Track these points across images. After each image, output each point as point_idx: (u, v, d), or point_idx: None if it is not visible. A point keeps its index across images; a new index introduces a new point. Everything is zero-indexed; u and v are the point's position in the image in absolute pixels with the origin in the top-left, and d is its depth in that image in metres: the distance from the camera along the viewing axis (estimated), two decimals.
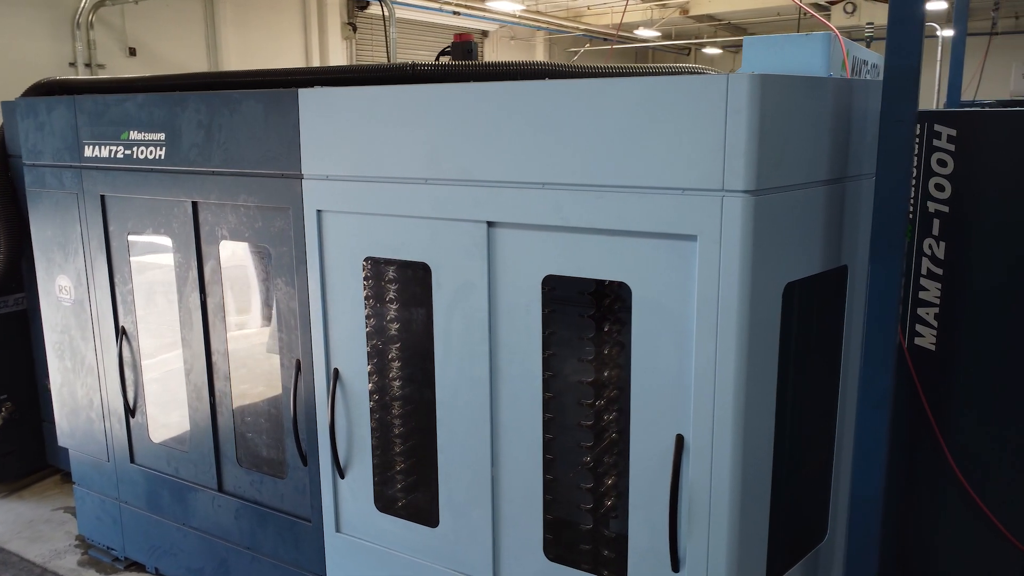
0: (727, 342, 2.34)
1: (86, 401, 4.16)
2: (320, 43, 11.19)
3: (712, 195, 2.29)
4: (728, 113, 2.22)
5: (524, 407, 2.78)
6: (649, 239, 2.44)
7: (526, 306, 2.71)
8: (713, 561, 2.50)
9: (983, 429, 3.28)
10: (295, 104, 3.04)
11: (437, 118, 2.72)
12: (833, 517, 3.07)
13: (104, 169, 3.71)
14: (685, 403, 2.48)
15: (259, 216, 3.29)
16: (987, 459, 3.35)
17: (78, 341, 4.11)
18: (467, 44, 3.56)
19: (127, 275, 3.80)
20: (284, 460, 3.53)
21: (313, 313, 3.17)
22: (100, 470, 4.21)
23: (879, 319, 2.63)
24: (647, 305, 2.49)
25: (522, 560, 2.91)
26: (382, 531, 3.23)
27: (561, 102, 2.48)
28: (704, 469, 2.46)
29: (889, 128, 2.51)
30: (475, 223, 2.73)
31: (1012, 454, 3.32)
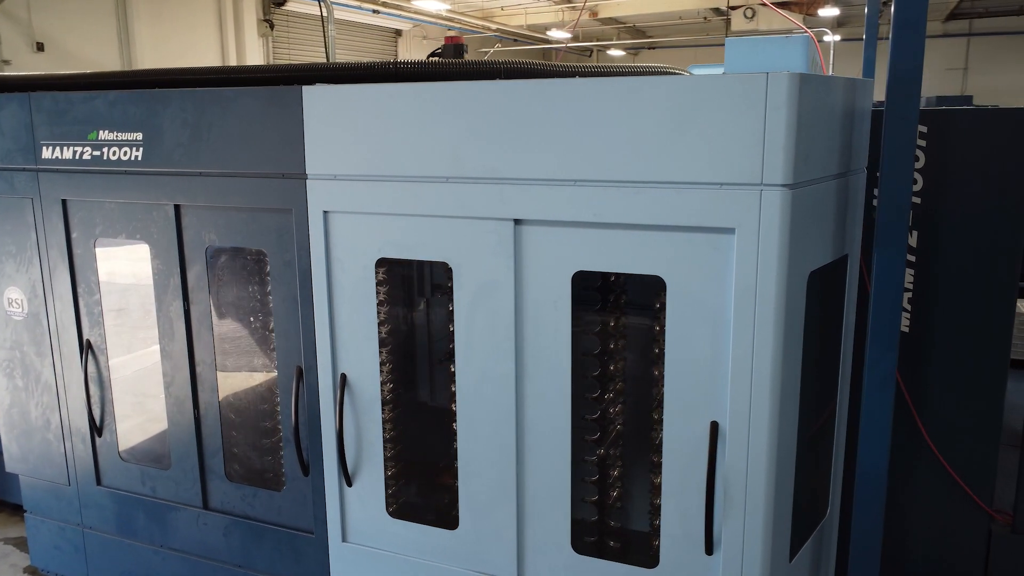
0: (765, 330, 2.44)
1: (41, 422, 3.86)
2: (236, 40, 10.75)
3: (751, 189, 2.38)
4: (768, 110, 2.32)
5: (552, 402, 2.79)
6: (685, 233, 2.51)
7: (554, 302, 2.73)
8: (749, 543, 2.60)
9: (953, 403, 3.54)
10: (298, 102, 2.93)
11: (462, 116, 2.69)
12: (832, 493, 3.24)
13: (67, 172, 3.45)
14: (719, 391, 2.56)
15: (253, 218, 3.15)
16: (957, 430, 3.63)
17: (32, 358, 3.80)
18: (458, 46, 3.53)
19: (94, 285, 3.56)
20: (281, 471, 3.40)
21: (318, 317, 3.07)
22: (58, 495, 3.92)
23: (884, 303, 2.80)
24: (682, 297, 2.55)
25: (548, 555, 2.92)
26: (395, 537, 3.16)
27: (596, 100, 2.51)
28: (740, 454, 2.55)
29: (895, 125, 2.68)
30: (501, 221, 2.72)
31: (979, 425, 3.60)
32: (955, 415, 3.59)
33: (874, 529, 2.96)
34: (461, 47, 3.50)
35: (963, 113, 3.36)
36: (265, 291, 3.41)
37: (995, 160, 3.37)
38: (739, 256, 2.43)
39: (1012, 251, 3.47)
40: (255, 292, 3.49)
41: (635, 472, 3.11)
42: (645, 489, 3.00)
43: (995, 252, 3.48)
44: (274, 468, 3.47)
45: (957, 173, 3.36)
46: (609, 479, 3.10)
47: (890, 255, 2.76)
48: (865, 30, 7.03)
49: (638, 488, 3.05)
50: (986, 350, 3.53)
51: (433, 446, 3.28)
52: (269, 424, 3.48)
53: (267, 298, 3.43)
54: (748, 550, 2.61)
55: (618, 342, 3.18)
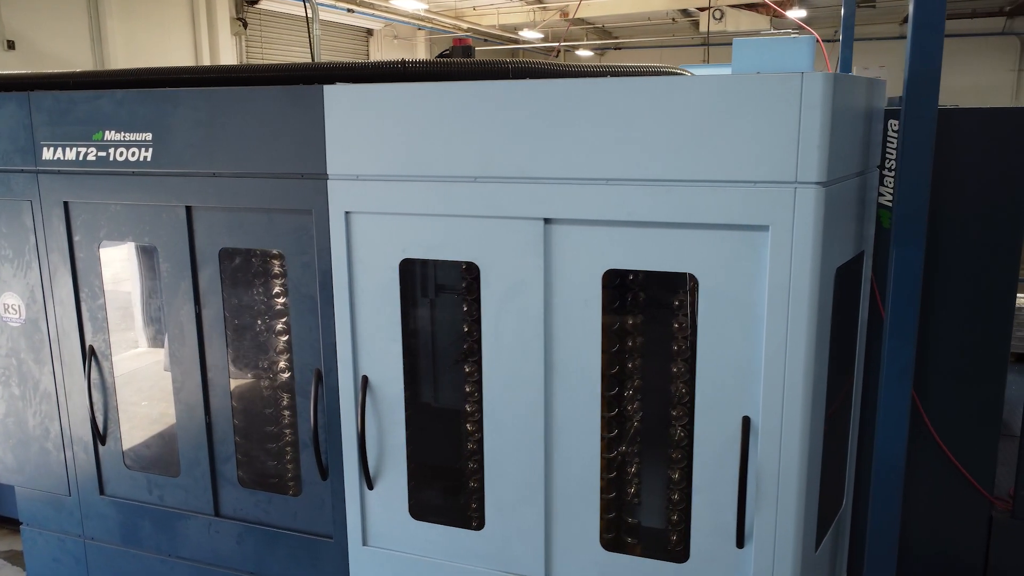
0: (798, 326, 2.49)
1: (39, 431, 3.75)
2: (210, 38, 10.54)
3: (785, 187, 2.42)
4: (803, 109, 2.36)
5: (582, 401, 2.80)
6: (718, 231, 2.54)
7: (585, 301, 2.74)
8: (781, 535, 2.64)
9: (955, 393, 3.64)
10: (319, 101, 2.89)
11: (492, 115, 2.69)
12: (847, 485, 3.31)
13: (69, 173, 3.36)
14: (751, 386, 2.60)
15: (270, 220, 3.10)
16: (959, 420, 3.73)
17: (29, 365, 3.69)
18: (467, 48, 3.52)
19: (98, 289, 3.46)
20: (298, 476, 3.35)
21: (339, 319, 3.04)
22: (58, 506, 3.81)
23: (903, 297, 2.87)
24: (714, 294, 2.58)
25: (577, 553, 2.93)
26: (418, 539, 3.14)
27: (629, 99, 2.53)
28: (773, 448, 2.59)
29: (914, 123, 2.74)
30: (531, 220, 2.72)
31: (980, 415, 3.71)
32: (957, 405, 3.69)
33: (891, 518, 3.03)
34: (470, 49, 3.49)
35: (962, 112, 3.45)
36: (278, 293, 3.36)
37: (994, 158, 3.47)
38: (773, 253, 2.47)
39: (1011, 247, 3.58)
40: (267, 295, 3.44)
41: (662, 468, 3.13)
42: (672, 484, 3.03)
43: (995, 248, 3.59)
44: (290, 473, 3.42)
45: (955, 170, 3.45)
46: (635, 475, 3.12)
47: (908, 251, 2.83)
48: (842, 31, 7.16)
49: (665, 484, 3.07)
50: (987, 343, 3.63)
51: (452, 447, 3.26)
52: (284, 429, 3.43)
53: (281, 301, 3.39)
54: (780, 542, 2.65)
55: (635, 339, 3.20)
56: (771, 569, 2.68)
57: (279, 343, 3.47)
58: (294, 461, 3.43)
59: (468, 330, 3.19)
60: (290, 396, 3.44)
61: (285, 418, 3.44)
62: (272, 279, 3.49)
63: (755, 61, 3.08)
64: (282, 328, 3.38)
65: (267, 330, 3.43)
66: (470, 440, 3.16)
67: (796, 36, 3.08)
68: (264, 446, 3.48)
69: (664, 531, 3.00)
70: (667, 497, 3.04)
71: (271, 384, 3.50)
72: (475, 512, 3.06)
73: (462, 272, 3.30)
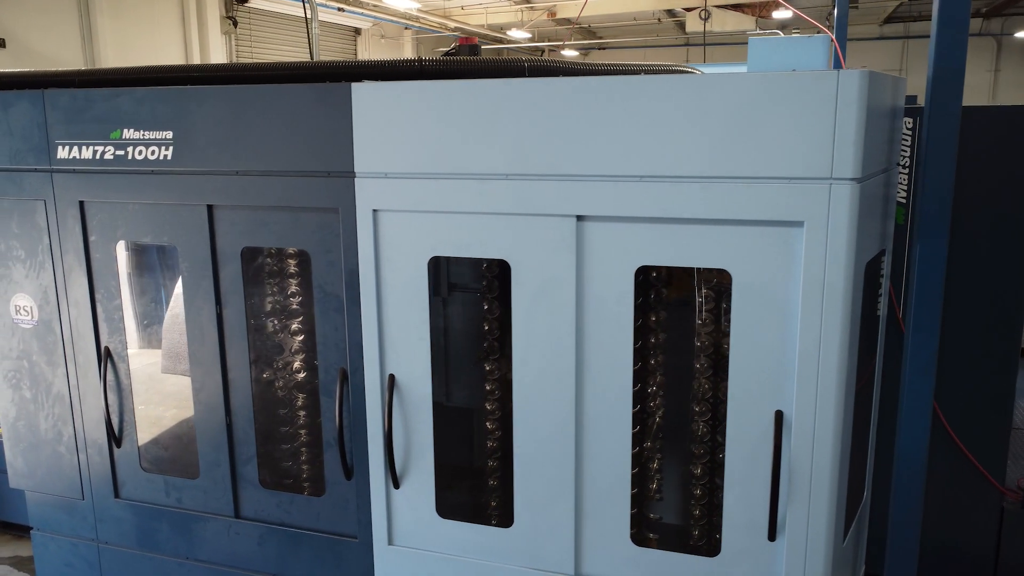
0: (832, 321, 2.51)
1: (52, 434, 3.69)
2: (200, 36, 10.42)
3: (820, 183, 2.45)
4: (839, 106, 2.39)
5: (613, 397, 2.82)
6: (752, 227, 2.56)
7: (617, 298, 2.75)
8: (813, 527, 2.67)
9: (967, 388, 3.70)
10: (347, 99, 2.88)
11: (525, 113, 2.69)
12: (868, 477, 3.35)
13: (86, 172, 3.31)
14: (784, 381, 2.62)
15: (294, 218, 3.08)
16: (971, 414, 3.79)
17: (42, 367, 3.63)
18: (473, 46, 3.52)
19: (114, 289, 3.42)
20: (321, 476, 3.33)
21: (365, 317, 3.02)
22: (71, 510, 3.75)
23: (927, 292, 2.91)
24: (748, 289, 2.61)
25: (607, 549, 2.94)
26: (445, 538, 3.14)
27: (665, 97, 2.55)
28: (806, 441, 2.62)
29: (939, 119, 2.78)
30: (563, 217, 2.73)
31: (992, 409, 3.77)
32: (969, 399, 3.75)
33: (914, 509, 3.07)
34: (476, 47, 3.49)
35: (978, 110, 3.51)
36: (301, 293, 3.34)
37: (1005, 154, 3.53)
38: (808, 248, 2.49)
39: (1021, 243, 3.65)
40: (289, 294, 3.42)
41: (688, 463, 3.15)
42: (695, 480, 3.05)
43: (1005, 243, 3.65)
44: (313, 473, 3.40)
45: (971, 168, 3.51)
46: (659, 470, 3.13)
47: (933, 247, 2.86)
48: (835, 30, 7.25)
49: (692, 479, 3.09)
50: (997, 338, 3.70)
51: (478, 445, 3.26)
52: (305, 429, 3.41)
53: (304, 300, 3.37)
54: (812, 535, 2.68)
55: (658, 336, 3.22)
56: (803, 562, 2.70)
57: (300, 343, 3.44)
58: (316, 461, 3.41)
59: (488, 328, 3.19)
60: (306, 395, 3.41)
61: (306, 418, 3.41)
62: (290, 279, 3.47)
63: (771, 59, 3.11)
64: (302, 328, 3.35)
65: (287, 330, 3.41)
66: (496, 438, 3.16)
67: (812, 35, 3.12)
68: (286, 447, 3.46)
69: (689, 526, 3.02)
70: (694, 492, 3.06)
71: (293, 384, 3.47)
72: (504, 509, 3.06)
73: (482, 270, 3.30)
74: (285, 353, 3.45)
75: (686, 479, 3.12)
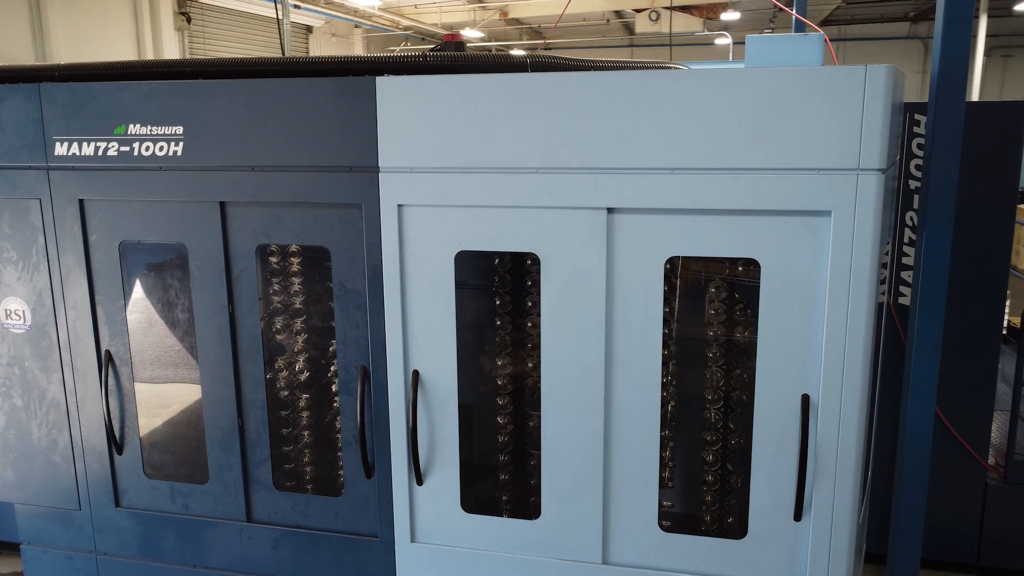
0: (859, 307, 2.62)
1: (46, 443, 3.54)
2: (153, 32, 10.07)
3: (848, 174, 2.55)
4: (866, 99, 2.49)
5: (642, 386, 2.86)
6: (781, 216, 2.65)
7: (646, 288, 2.80)
8: (839, 506, 2.77)
9: (952, 371, 3.89)
10: (371, 93, 2.85)
11: (556, 107, 2.71)
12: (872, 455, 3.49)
13: (86, 169, 3.19)
14: (811, 366, 2.72)
15: (313, 215, 3.04)
16: (957, 395, 3.99)
17: (35, 373, 3.48)
18: (459, 43, 3.52)
19: (118, 290, 3.30)
20: (338, 476, 3.29)
21: (389, 314, 3.00)
22: (66, 521, 3.61)
23: (933, 278, 3.06)
24: (776, 277, 2.69)
25: (634, 536, 2.99)
26: (470, 532, 3.14)
27: (697, 91, 2.61)
28: (832, 424, 2.72)
29: (945, 113, 2.93)
30: (594, 210, 2.77)
31: (976, 391, 3.98)
32: (955, 382, 3.95)
33: (920, 484, 3.22)
34: (462, 44, 3.49)
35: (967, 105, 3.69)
36: (314, 291, 3.29)
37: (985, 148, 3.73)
38: (835, 237, 2.59)
39: (1003, 233, 3.86)
40: (293, 292, 3.36)
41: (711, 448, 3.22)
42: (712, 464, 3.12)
43: (988, 233, 3.86)
44: (330, 473, 3.36)
45: None
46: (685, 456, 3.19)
47: (938, 237, 3.01)
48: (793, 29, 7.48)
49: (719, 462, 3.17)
50: (981, 324, 3.91)
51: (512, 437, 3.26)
52: (322, 428, 3.35)
53: (318, 297, 3.31)
54: (838, 513, 2.78)
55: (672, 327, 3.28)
56: (828, 540, 2.80)
57: (317, 340, 3.39)
58: (333, 461, 3.36)
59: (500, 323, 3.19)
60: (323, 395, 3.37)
61: (324, 417, 3.36)
62: (296, 277, 3.41)
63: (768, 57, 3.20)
64: (320, 325, 3.30)
65: (304, 328, 3.35)
66: (526, 429, 3.17)
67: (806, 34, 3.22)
68: (301, 447, 3.40)
69: (720, 509, 3.09)
70: (717, 477, 3.13)
71: (305, 384, 3.42)
72: (529, 501, 3.08)
73: (494, 265, 3.31)
74: (301, 351, 3.39)
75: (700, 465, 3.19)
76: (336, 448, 3.37)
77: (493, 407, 3.35)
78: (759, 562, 2.91)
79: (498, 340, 3.32)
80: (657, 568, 2.99)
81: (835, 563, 2.81)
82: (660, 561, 2.99)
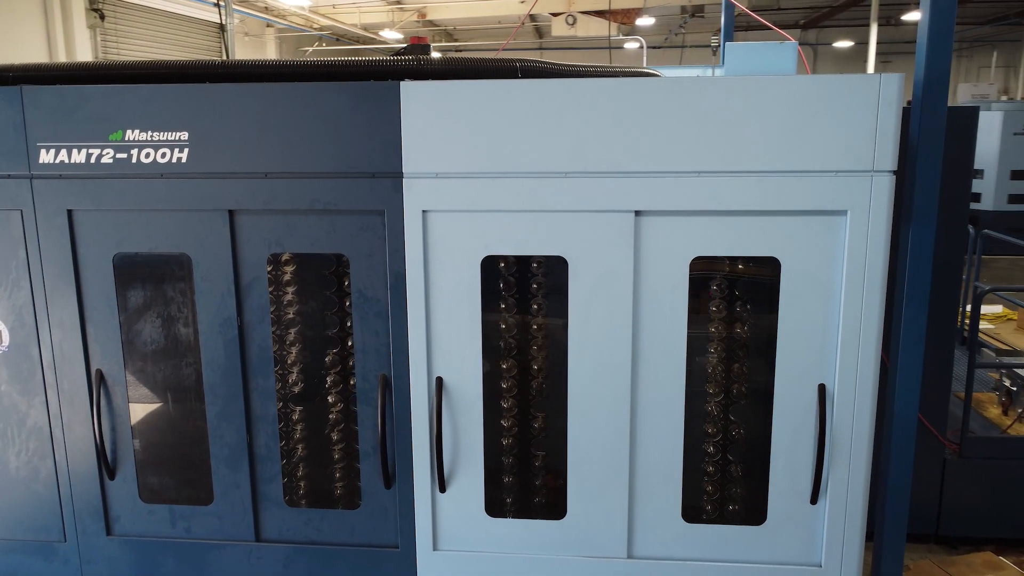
0: (872, 300, 2.80)
1: (26, 472, 3.30)
2: (64, 30, 9.40)
3: (863, 175, 2.72)
4: (880, 105, 2.67)
5: (668, 383, 2.96)
6: (800, 216, 2.80)
7: (672, 288, 2.89)
8: (852, 491, 2.96)
9: None
10: (396, 98, 2.82)
11: (585, 112, 2.76)
12: None
13: (76, 177, 3.00)
14: (827, 358, 2.88)
15: (329, 222, 2.97)
16: None
17: (13, 398, 3.24)
18: (424, 46, 3.53)
19: (111, 305, 3.12)
20: (355, 488, 3.23)
21: (412, 321, 2.97)
22: (48, 554, 3.37)
23: (918, 272, 3.28)
24: (795, 275, 2.84)
25: (658, 529, 3.08)
26: (494, 537, 3.15)
27: (722, 98, 2.72)
28: (847, 411, 2.90)
29: (929, 118, 3.15)
30: (622, 213, 2.84)
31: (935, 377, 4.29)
32: None
33: (907, 463, 3.44)
34: (427, 47, 3.50)
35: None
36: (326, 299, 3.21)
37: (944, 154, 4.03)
38: (851, 235, 2.76)
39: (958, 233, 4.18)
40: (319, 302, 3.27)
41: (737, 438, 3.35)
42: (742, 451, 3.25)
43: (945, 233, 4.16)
44: (345, 486, 3.28)
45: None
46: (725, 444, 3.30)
47: (923, 232, 3.24)
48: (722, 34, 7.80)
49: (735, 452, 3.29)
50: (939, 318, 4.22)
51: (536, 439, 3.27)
52: (337, 440, 3.28)
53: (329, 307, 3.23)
54: (852, 495, 2.96)
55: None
56: (843, 520, 2.98)
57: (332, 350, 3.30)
58: (349, 473, 3.29)
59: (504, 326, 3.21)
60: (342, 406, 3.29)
61: (340, 429, 3.28)
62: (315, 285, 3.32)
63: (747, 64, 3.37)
64: (334, 334, 3.23)
65: (316, 338, 3.26)
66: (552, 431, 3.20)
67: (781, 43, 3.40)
68: (314, 460, 3.30)
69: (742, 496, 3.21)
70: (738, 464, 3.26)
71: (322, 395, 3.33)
72: (557, 500, 3.11)
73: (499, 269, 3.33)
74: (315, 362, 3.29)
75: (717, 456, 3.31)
76: (350, 459, 3.30)
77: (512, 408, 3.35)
78: (778, 546, 3.06)
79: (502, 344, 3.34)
80: (681, 558, 3.09)
81: (849, 541, 2.99)
82: (683, 551, 3.10)
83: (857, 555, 3.01)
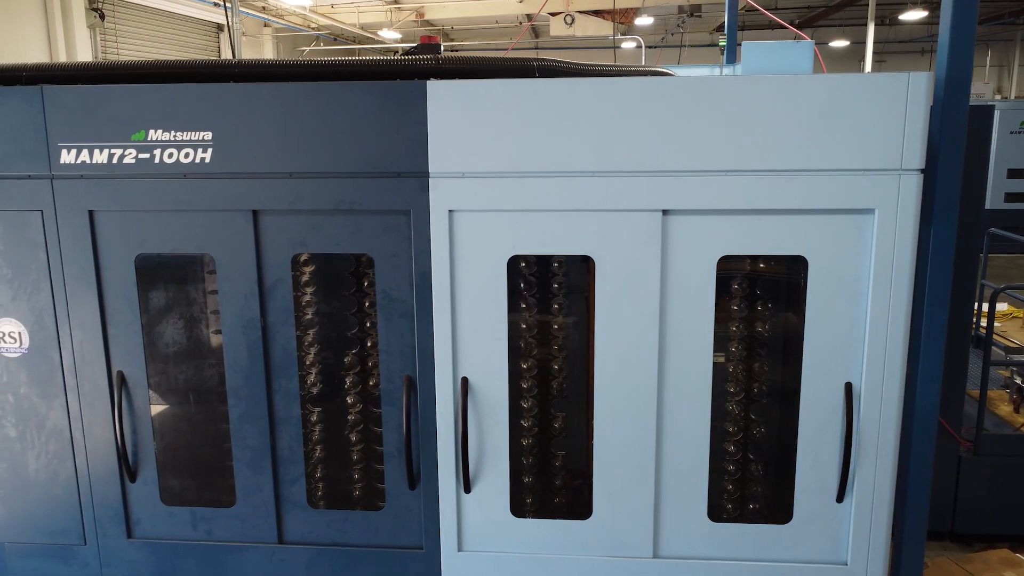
0: (899, 298, 2.80)
1: (45, 475, 3.27)
2: (65, 30, 9.34)
3: (891, 174, 2.72)
4: (908, 104, 2.67)
5: (695, 381, 2.95)
6: (828, 215, 2.80)
7: (699, 287, 2.89)
8: (879, 488, 2.96)
9: None
10: (422, 97, 2.81)
11: (613, 112, 2.76)
12: None
13: (98, 178, 2.97)
14: (854, 356, 2.88)
15: (354, 222, 2.95)
16: None
17: (32, 400, 3.21)
18: (434, 45, 3.51)
19: (133, 307, 3.09)
20: (378, 489, 3.21)
21: (438, 321, 2.96)
22: (67, 558, 3.34)
23: (939, 269, 3.29)
24: (823, 273, 2.84)
25: (684, 528, 3.08)
26: (519, 537, 3.14)
27: (751, 97, 2.72)
28: (874, 409, 2.90)
29: (952, 117, 3.15)
30: (650, 212, 2.83)
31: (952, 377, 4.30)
32: None
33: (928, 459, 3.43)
34: (437, 46, 3.49)
35: None
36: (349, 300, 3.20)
37: None
38: (879, 233, 2.76)
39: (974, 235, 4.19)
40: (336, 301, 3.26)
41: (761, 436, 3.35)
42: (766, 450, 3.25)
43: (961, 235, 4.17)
44: (369, 487, 3.27)
45: None
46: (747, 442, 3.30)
47: (945, 230, 3.24)
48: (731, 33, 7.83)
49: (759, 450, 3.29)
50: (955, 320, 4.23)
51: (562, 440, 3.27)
52: (357, 441, 3.26)
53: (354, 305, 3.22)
54: (878, 492, 2.97)
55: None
56: (870, 517, 2.98)
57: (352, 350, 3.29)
58: (371, 474, 3.28)
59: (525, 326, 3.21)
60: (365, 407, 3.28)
61: (362, 430, 3.27)
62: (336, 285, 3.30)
63: (764, 63, 3.37)
64: (355, 335, 3.21)
65: (337, 338, 3.25)
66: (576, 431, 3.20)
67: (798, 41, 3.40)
68: (337, 462, 3.29)
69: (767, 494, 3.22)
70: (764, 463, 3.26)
71: (343, 396, 3.31)
72: (583, 500, 3.11)
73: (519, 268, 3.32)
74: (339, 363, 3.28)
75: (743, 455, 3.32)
76: (373, 461, 3.28)
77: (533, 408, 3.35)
78: (803, 544, 3.06)
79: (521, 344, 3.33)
80: (706, 558, 3.09)
81: (875, 539, 3.00)
82: (709, 551, 3.09)
83: (883, 553, 3.01)
